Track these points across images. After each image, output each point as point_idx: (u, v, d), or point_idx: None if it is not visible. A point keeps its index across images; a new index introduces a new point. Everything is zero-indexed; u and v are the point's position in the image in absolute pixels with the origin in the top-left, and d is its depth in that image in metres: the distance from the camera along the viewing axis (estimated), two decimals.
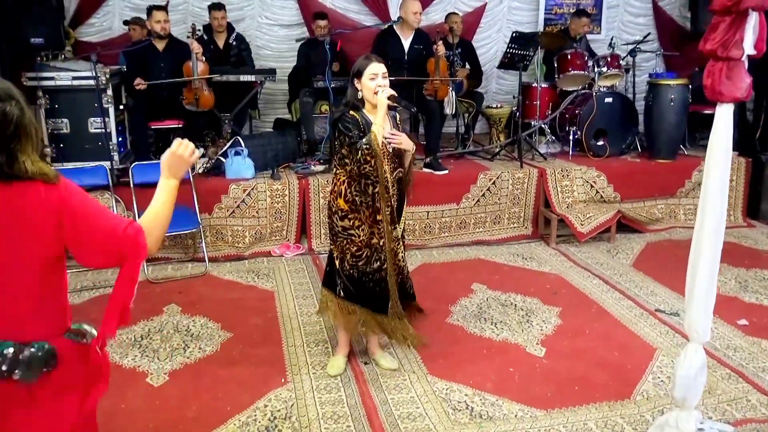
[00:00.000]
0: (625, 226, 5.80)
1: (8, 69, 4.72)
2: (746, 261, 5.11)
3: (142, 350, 3.75)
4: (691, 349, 2.76)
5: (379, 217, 3.27)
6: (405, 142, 3.23)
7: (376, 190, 3.22)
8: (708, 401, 3.20)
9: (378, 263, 3.32)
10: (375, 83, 3.18)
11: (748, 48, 2.59)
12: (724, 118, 2.64)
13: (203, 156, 5.71)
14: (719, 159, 2.65)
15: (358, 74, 3.24)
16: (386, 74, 3.23)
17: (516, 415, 3.12)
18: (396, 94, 3.20)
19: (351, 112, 3.24)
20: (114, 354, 3.69)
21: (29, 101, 5.13)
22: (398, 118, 3.39)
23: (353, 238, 3.28)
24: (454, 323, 4.10)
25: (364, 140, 3.12)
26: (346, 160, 3.19)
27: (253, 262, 5.21)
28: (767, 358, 3.67)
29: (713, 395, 3.28)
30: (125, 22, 6.48)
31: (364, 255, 3.30)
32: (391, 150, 3.23)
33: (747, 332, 3.96)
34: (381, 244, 3.30)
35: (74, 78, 5.07)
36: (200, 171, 5.54)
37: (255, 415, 3.12)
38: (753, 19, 2.57)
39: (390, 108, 3.24)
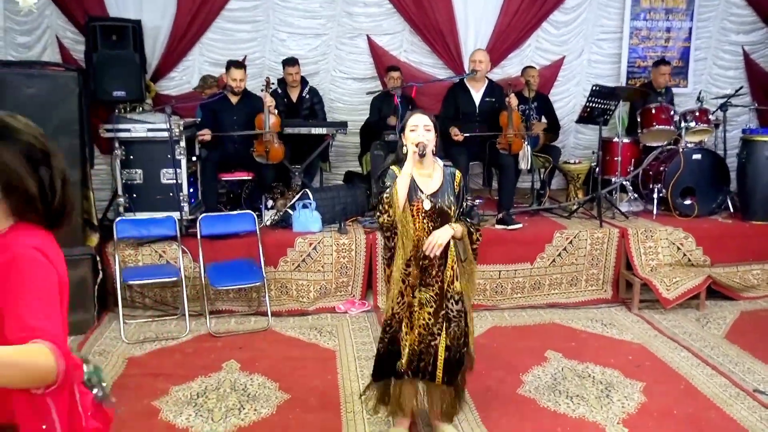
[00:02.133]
0: (715, 292, 5.33)
1: (87, 120, 4.83)
2: None
3: (197, 409, 3.62)
4: None
5: (396, 274, 3.08)
6: (440, 239, 2.98)
7: (395, 241, 3.06)
8: None
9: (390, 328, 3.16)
10: (415, 134, 3.03)
11: None
12: None
13: (271, 209, 5.68)
14: None
15: (403, 128, 3.14)
16: (429, 126, 3.06)
17: None
18: (424, 143, 3.01)
19: (393, 167, 3.11)
20: (169, 412, 3.58)
21: (106, 151, 5.28)
22: (457, 179, 3.17)
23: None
24: (525, 395, 3.78)
25: (387, 190, 3.00)
26: (376, 212, 3.14)
27: (316, 318, 5.06)
28: None
29: None
30: (199, 86, 6.62)
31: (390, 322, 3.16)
32: (427, 209, 3.03)
33: None
34: (398, 304, 3.11)
35: (149, 130, 5.16)
36: (267, 224, 5.49)
37: None
38: None
39: (422, 156, 3.03)
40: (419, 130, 3.05)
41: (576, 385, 3.89)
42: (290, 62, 6.21)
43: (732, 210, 5.99)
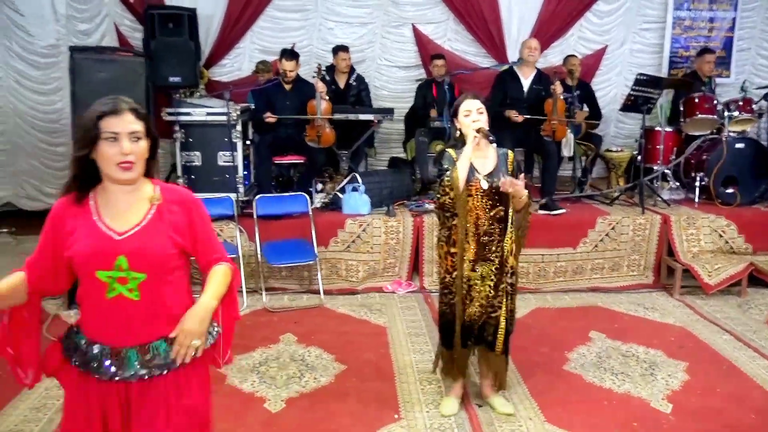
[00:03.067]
0: (757, 279, 5.41)
1: (151, 105, 5.09)
2: None
3: (260, 376, 3.85)
4: None
5: (453, 250, 3.25)
6: (521, 190, 3.15)
7: (454, 222, 3.22)
8: None
9: (450, 297, 3.33)
10: (469, 119, 3.19)
11: None
12: None
13: (321, 191, 5.90)
14: None
15: (455, 113, 3.30)
16: (482, 110, 3.22)
17: None
18: (485, 128, 3.17)
19: (449, 150, 3.29)
20: (234, 378, 3.82)
21: (166, 135, 5.54)
22: (510, 158, 3.33)
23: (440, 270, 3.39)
24: (571, 371, 3.95)
25: (447, 172, 3.16)
26: (436, 194, 3.30)
27: (365, 296, 5.27)
28: None
29: None
30: (255, 71, 6.84)
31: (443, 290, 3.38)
32: (485, 188, 3.19)
33: None
34: (452, 278, 3.29)
35: (208, 114, 5.40)
36: (318, 206, 5.70)
37: None
38: None
39: (491, 142, 3.20)
40: (473, 114, 3.20)
41: (620, 363, 4.04)
42: (342, 49, 6.40)
43: None
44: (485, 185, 3.20)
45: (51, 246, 1.92)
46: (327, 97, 5.82)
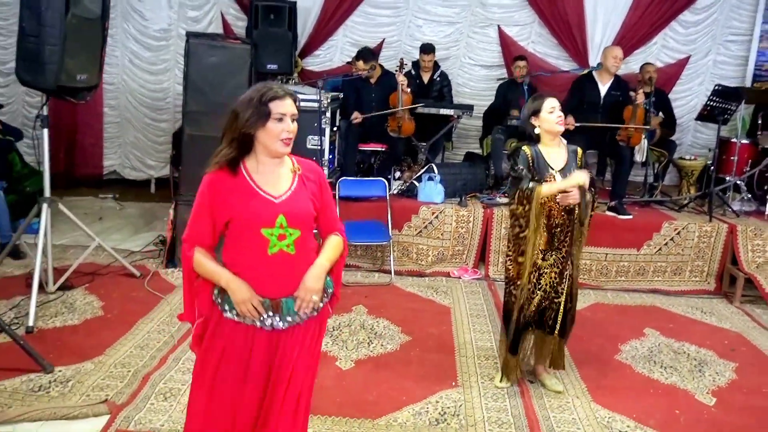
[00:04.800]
0: None
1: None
2: None
3: (333, 339, 4.28)
4: None
5: (521, 260, 3.50)
6: (572, 199, 3.40)
7: (524, 233, 3.45)
8: None
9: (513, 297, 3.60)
10: (554, 115, 3.44)
11: None
12: None
13: (399, 179, 6.29)
14: None
15: (536, 112, 3.51)
16: (558, 108, 3.48)
17: None
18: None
19: (524, 148, 3.54)
20: None
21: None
22: (579, 154, 3.57)
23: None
24: (622, 361, 4.20)
25: (530, 185, 3.40)
26: (510, 199, 3.55)
27: (432, 279, 5.63)
28: None
29: None
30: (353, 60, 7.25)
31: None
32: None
33: None
34: (518, 274, 3.55)
35: (302, 100, 5.86)
36: (395, 192, 6.09)
37: (427, 408, 3.49)
38: None
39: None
40: (557, 111, 3.48)
41: (671, 358, 4.26)
42: (426, 50, 6.73)
43: None
44: (559, 179, 3.46)
45: (209, 211, 2.25)
46: (408, 90, 6.18)
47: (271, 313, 2.27)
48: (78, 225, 4.91)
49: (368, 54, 6.41)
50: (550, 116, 3.47)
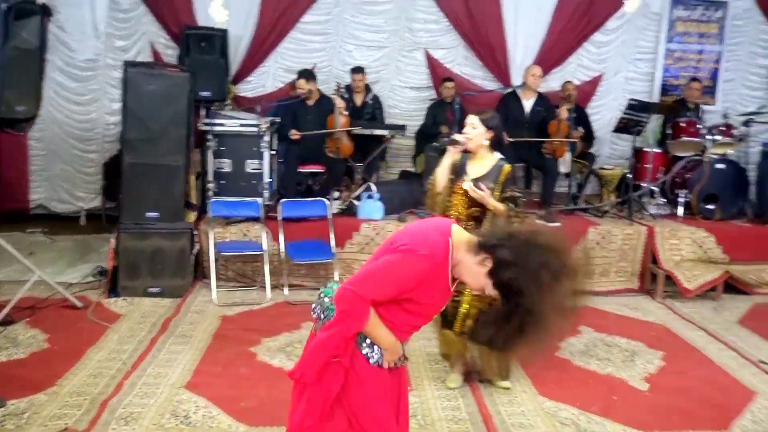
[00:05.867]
0: (732, 287, 5.97)
1: (191, 116, 5.64)
2: None
3: (287, 354, 4.38)
4: None
5: None
6: (485, 199, 3.68)
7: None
8: None
9: None
10: (464, 130, 3.79)
11: None
12: None
13: (338, 199, 6.46)
14: None
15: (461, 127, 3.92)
16: (475, 125, 3.76)
17: None
18: (455, 139, 3.78)
19: (456, 156, 3.85)
20: (264, 356, 4.36)
21: (199, 143, 6.09)
22: (504, 170, 3.79)
23: None
24: (562, 357, 4.49)
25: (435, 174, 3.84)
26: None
27: None
28: None
29: None
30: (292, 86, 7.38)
31: None
32: (466, 188, 3.72)
33: None
34: None
35: (241, 125, 5.98)
36: (336, 211, 6.24)
37: None
38: None
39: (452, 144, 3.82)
40: (467, 127, 3.80)
41: (605, 351, 4.59)
42: (357, 70, 7.00)
43: (750, 217, 6.61)
44: (466, 186, 3.75)
45: (404, 287, 2.10)
46: (346, 113, 6.39)
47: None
48: (17, 258, 4.83)
49: (309, 74, 6.59)
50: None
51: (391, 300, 2.09)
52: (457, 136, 3.80)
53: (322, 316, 2.26)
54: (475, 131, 3.77)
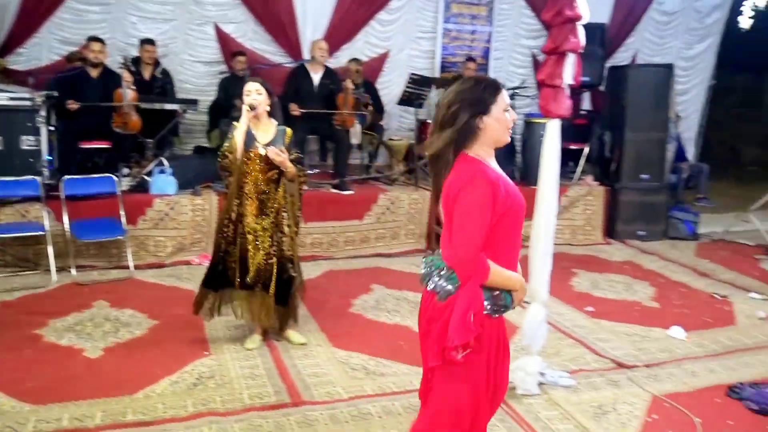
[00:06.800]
0: None
1: None
2: (600, 268, 6.15)
3: (76, 334, 4.22)
4: (534, 307, 3.59)
5: (233, 206, 3.97)
6: (285, 162, 3.86)
7: (230, 179, 3.96)
8: (554, 360, 4.03)
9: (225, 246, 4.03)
10: (249, 98, 3.88)
11: (568, 78, 3.52)
12: (553, 128, 3.56)
13: (128, 175, 6.21)
14: (551, 159, 3.55)
15: (241, 94, 3.99)
16: (260, 90, 3.90)
17: (404, 372, 3.83)
18: (254, 104, 3.84)
19: (234, 123, 3.98)
20: (51, 336, 4.16)
21: None
22: (287, 133, 4.01)
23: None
24: (354, 312, 4.80)
25: (227, 140, 3.94)
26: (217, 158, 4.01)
27: (173, 269, 5.71)
28: (603, 332, 4.58)
29: (559, 356, 4.12)
30: (68, 59, 6.91)
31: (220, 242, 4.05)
32: (262, 154, 3.89)
33: (591, 316, 4.89)
34: (231, 230, 3.99)
35: (11, 99, 5.51)
36: (126, 188, 6.00)
37: (183, 377, 3.69)
38: (571, 59, 3.51)
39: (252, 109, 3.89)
40: (252, 94, 3.91)
41: (394, 305, 4.97)
42: (147, 42, 6.75)
43: (518, 179, 7.44)
44: (263, 151, 3.91)
45: (491, 210, 2.08)
46: (134, 87, 6.15)
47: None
48: None
49: (100, 38, 6.23)
50: (246, 98, 3.89)
51: (493, 232, 2.09)
52: (250, 101, 3.87)
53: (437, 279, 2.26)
54: (261, 96, 3.90)
